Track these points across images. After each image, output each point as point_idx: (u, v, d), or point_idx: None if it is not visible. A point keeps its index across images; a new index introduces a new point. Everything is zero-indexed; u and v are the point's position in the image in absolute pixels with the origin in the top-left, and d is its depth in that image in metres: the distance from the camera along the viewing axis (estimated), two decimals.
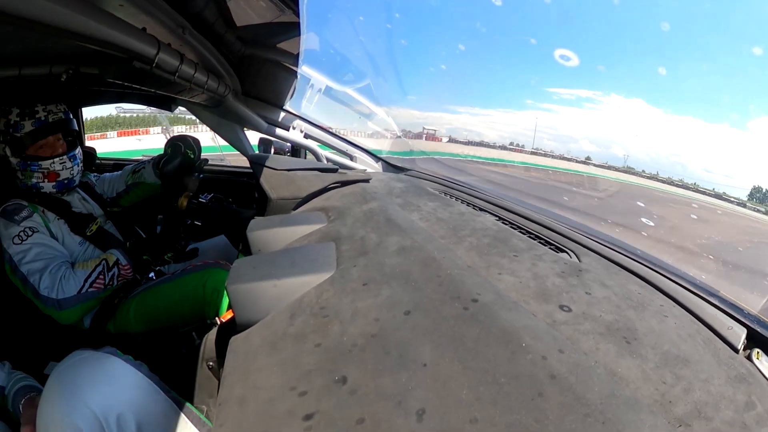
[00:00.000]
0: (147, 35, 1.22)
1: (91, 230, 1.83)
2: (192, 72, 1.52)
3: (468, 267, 0.72)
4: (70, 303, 1.57)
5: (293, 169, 1.67)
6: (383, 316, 0.61)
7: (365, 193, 1.34)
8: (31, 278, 1.57)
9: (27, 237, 1.63)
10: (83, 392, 0.92)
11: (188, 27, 1.48)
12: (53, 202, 1.81)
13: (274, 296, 0.77)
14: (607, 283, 0.71)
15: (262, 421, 0.50)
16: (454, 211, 1.14)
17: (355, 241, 0.93)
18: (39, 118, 1.74)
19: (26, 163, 1.75)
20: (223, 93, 1.96)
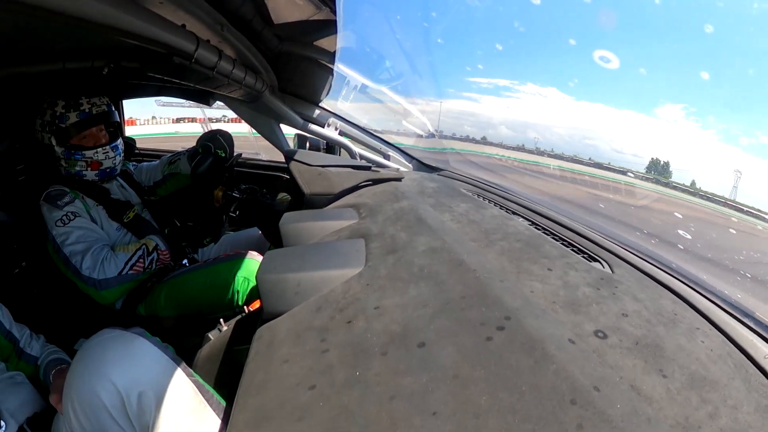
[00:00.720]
0: (186, 32, 1.26)
1: (128, 217, 1.90)
2: (230, 68, 1.56)
3: (497, 272, 0.71)
4: (109, 284, 1.63)
5: (327, 166, 1.68)
6: (408, 315, 0.61)
7: (397, 191, 1.34)
8: (74, 259, 1.63)
9: (69, 221, 1.69)
10: (108, 368, 0.95)
11: (226, 24, 1.52)
12: (93, 189, 1.88)
13: (302, 288, 0.78)
14: (639, 296, 0.68)
15: (281, 409, 0.51)
16: (487, 214, 1.12)
17: (385, 239, 0.93)
18: (83, 110, 1.81)
19: (70, 152, 1.82)
20: (260, 89, 2.00)
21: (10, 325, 1.39)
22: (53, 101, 1.81)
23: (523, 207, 1.28)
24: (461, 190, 1.50)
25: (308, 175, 1.65)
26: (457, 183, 1.71)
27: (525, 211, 1.22)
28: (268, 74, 2.08)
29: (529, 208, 1.27)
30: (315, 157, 1.82)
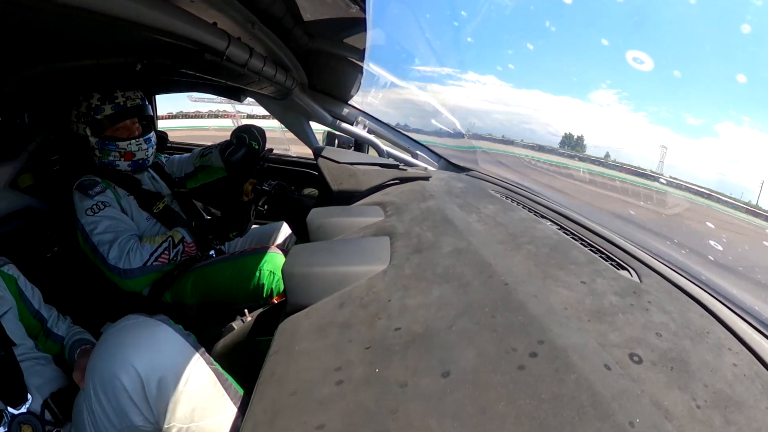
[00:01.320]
0: (218, 29, 1.29)
1: (158, 208, 1.95)
2: (261, 65, 1.58)
3: (523, 276, 0.71)
4: (134, 274, 1.67)
5: (355, 163, 1.69)
6: (431, 316, 0.62)
7: (424, 191, 1.34)
8: (101, 248, 1.68)
9: (99, 210, 1.74)
10: (131, 352, 0.98)
11: (257, 22, 1.54)
12: (125, 179, 1.94)
13: (326, 283, 0.79)
14: (667, 308, 0.66)
15: (298, 401, 0.52)
16: (515, 216, 1.11)
17: (411, 238, 0.93)
18: (118, 103, 1.88)
19: (104, 143, 1.88)
20: (290, 86, 2.02)
21: (39, 305, 1.45)
22: (89, 94, 1.87)
23: (552, 210, 1.26)
24: (489, 191, 1.49)
25: (336, 172, 1.66)
26: (485, 184, 1.70)
27: (553, 215, 1.20)
28: (298, 72, 2.11)
29: (558, 211, 1.25)
30: (343, 154, 1.83)
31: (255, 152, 2.02)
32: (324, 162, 1.75)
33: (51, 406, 1.20)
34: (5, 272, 1.39)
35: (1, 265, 1.40)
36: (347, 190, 1.55)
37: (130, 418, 0.99)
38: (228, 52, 1.34)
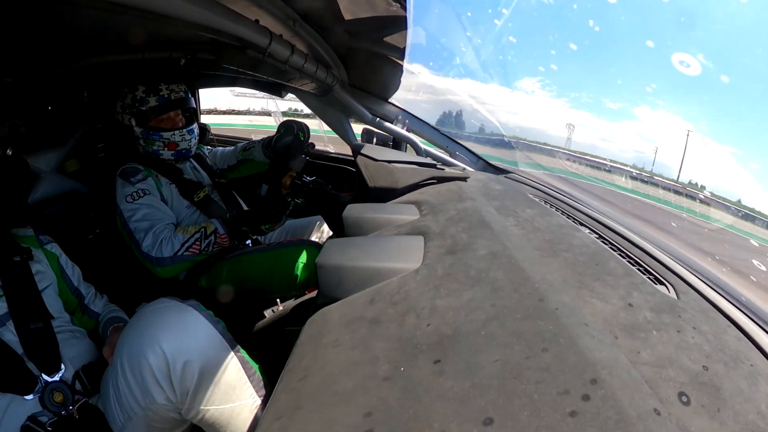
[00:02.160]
0: (260, 27, 1.32)
1: (198, 196, 2.03)
2: (302, 62, 1.61)
3: (558, 285, 0.70)
4: (164, 263, 1.74)
5: (393, 161, 1.70)
6: (460, 318, 0.61)
7: (461, 191, 1.33)
8: (137, 235, 1.76)
9: (138, 198, 1.83)
10: (159, 334, 1.03)
11: (299, 20, 1.57)
12: (167, 168, 2.03)
13: (358, 278, 0.80)
14: (702, 328, 0.64)
15: (322, 393, 0.53)
16: (553, 222, 1.09)
17: (445, 238, 0.93)
18: (162, 95, 1.97)
19: (149, 133, 1.98)
20: (330, 83, 2.06)
21: (78, 282, 1.54)
22: (134, 86, 1.97)
23: (591, 218, 1.23)
24: (528, 194, 1.46)
25: (373, 169, 1.67)
26: (524, 187, 1.67)
27: (593, 223, 1.17)
28: (338, 69, 2.14)
29: (597, 219, 1.22)
30: (381, 151, 1.84)
31: (300, 143, 2.05)
32: (362, 159, 1.77)
33: (82, 377, 1.27)
34: (48, 250, 1.48)
35: (45, 243, 1.49)
36: (384, 188, 1.56)
37: (153, 396, 1.04)
38: (270, 49, 1.37)
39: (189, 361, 1.02)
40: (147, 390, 1.03)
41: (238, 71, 1.62)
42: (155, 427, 1.11)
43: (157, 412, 1.06)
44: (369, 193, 1.58)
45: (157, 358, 1.01)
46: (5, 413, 1.16)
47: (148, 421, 1.09)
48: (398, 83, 2.27)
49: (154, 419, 1.09)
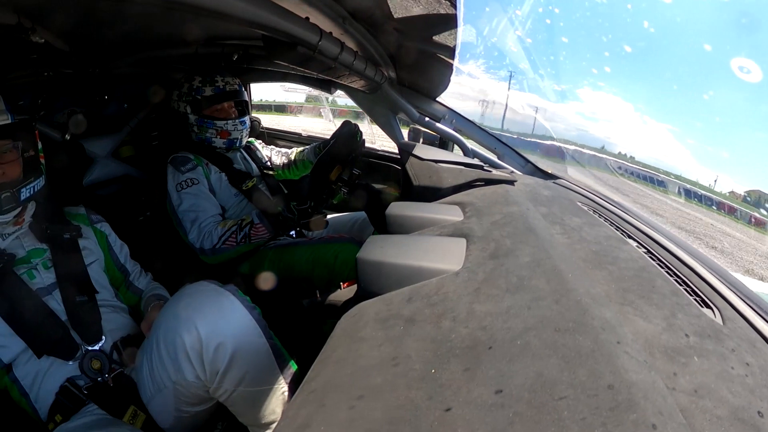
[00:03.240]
0: (310, 24, 1.36)
1: (247, 186, 2.14)
2: (351, 59, 1.65)
3: (601, 299, 0.68)
4: (206, 254, 1.86)
5: (439, 161, 1.70)
6: (497, 325, 0.61)
7: (507, 195, 1.32)
8: (184, 224, 1.89)
9: (187, 187, 1.95)
10: (196, 315, 1.09)
11: (348, 17, 1.60)
12: (218, 157, 2.15)
13: (397, 276, 0.82)
14: (748, 359, 0.61)
15: (351, 385, 0.54)
16: (600, 233, 1.07)
17: (488, 242, 0.93)
18: (218, 86, 2.10)
19: (203, 121, 2.11)
20: (379, 80, 2.08)
21: (125, 260, 1.66)
22: (191, 76, 2.11)
23: (640, 231, 1.20)
24: (576, 202, 1.43)
25: (419, 168, 1.68)
26: (572, 194, 1.64)
27: (641, 236, 1.14)
28: (387, 67, 2.16)
29: (646, 233, 1.19)
30: (428, 150, 1.84)
31: (355, 140, 2.09)
32: (407, 157, 1.78)
33: (119, 348, 1.38)
34: (97, 228, 1.60)
35: (95, 222, 1.61)
36: (428, 187, 1.56)
37: (183, 373, 1.10)
38: (319, 46, 1.40)
39: (222, 343, 1.07)
40: (179, 366, 1.10)
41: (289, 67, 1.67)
42: (182, 401, 1.18)
43: (186, 387, 1.13)
44: (413, 191, 1.58)
45: (191, 338, 1.07)
46: (46, 374, 1.27)
47: (176, 395, 1.16)
48: (447, 82, 2.26)
49: (183, 394, 1.15)
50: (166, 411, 1.20)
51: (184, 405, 1.19)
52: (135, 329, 1.45)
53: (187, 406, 1.20)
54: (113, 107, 2.40)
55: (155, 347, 1.14)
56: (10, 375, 1.29)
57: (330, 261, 1.88)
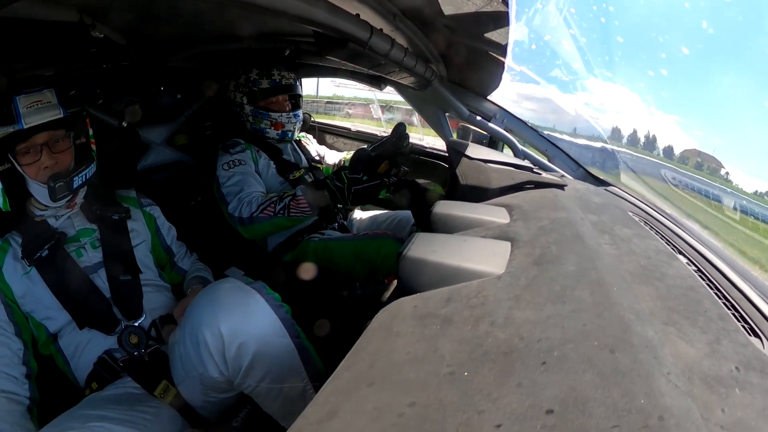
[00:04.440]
0: (360, 21, 1.40)
1: (294, 176, 2.26)
2: (401, 56, 1.68)
3: (645, 316, 0.66)
4: (244, 222, 1.94)
5: (487, 161, 1.68)
6: (535, 334, 0.61)
7: (557, 200, 1.30)
8: (227, 198, 2.01)
9: (234, 166, 2.08)
10: (220, 313, 1.14)
11: (399, 14, 1.64)
12: (269, 147, 2.28)
13: (438, 275, 0.82)
14: None
15: (382, 380, 0.55)
16: (650, 247, 1.04)
17: (533, 248, 0.91)
18: (274, 79, 2.25)
19: (258, 112, 2.26)
20: (429, 77, 2.11)
21: (171, 241, 1.79)
22: (248, 68, 2.25)
23: (691, 247, 1.16)
24: (627, 212, 1.40)
25: (467, 167, 1.67)
26: (624, 203, 1.60)
27: (692, 253, 1.10)
28: (437, 64, 2.18)
29: (697, 249, 1.15)
30: (477, 149, 1.83)
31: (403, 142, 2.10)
32: (456, 155, 1.77)
33: (158, 326, 1.47)
34: (146, 211, 1.72)
35: (145, 205, 1.74)
36: (476, 187, 1.55)
37: (207, 369, 1.16)
38: (370, 42, 1.44)
39: (244, 342, 1.12)
40: (202, 361, 1.15)
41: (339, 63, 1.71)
42: (209, 389, 1.24)
43: (210, 379, 1.19)
44: (460, 190, 1.58)
45: (213, 336, 1.12)
46: (87, 345, 1.39)
47: (203, 383, 1.22)
48: (499, 80, 2.24)
49: (208, 383, 1.21)
50: (194, 394, 1.28)
51: (211, 391, 1.26)
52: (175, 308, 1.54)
53: (213, 393, 1.26)
54: (168, 98, 2.56)
55: (182, 339, 1.20)
56: (55, 344, 1.42)
57: (372, 256, 1.93)
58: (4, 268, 1.41)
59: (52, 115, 1.39)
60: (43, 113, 1.37)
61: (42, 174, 1.40)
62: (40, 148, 1.40)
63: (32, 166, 1.40)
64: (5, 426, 1.19)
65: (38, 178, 1.40)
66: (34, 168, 1.40)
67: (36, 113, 1.35)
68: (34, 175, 1.40)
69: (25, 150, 1.39)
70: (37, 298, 1.40)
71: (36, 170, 1.40)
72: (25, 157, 1.40)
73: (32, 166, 1.40)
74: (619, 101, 2.82)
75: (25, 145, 1.39)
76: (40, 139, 1.40)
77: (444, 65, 2.22)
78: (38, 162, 1.40)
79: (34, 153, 1.40)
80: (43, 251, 1.41)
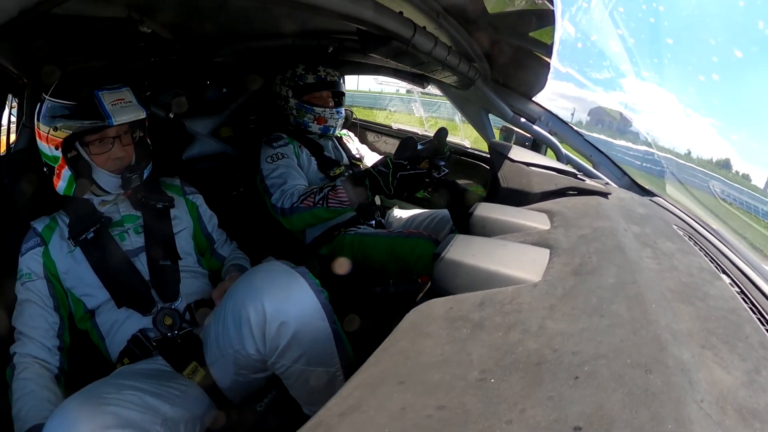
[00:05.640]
0: (404, 18, 1.40)
1: (335, 172, 2.30)
2: (445, 54, 1.68)
3: (682, 337, 0.65)
4: (285, 212, 2.01)
5: (530, 164, 1.66)
6: (567, 347, 0.60)
7: (600, 208, 1.27)
8: (271, 189, 2.09)
9: (277, 159, 2.16)
10: (265, 292, 1.20)
11: (442, 12, 1.64)
12: (311, 142, 2.35)
13: (473, 279, 0.82)
14: None
15: (407, 379, 0.56)
16: (693, 264, 1.00)
17: (573, 257, 0.90)
18: (319, 75, 2.32)
19: (302, 106, 2.32)
20: (472, 77, 2.10)
21: (212, 229, 1.87)
22: (295, 63, 2.31)
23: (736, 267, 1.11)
24: (672, 225, 1.35)
25: (508, 170, 1.65)
26: (668, 215, 1.55)
27: (736, 273, 1.06)
28: (481, 63, 2.16)
29: (742, 270, 1.10)
30: (519, 152, 1.80)
31: (443, 148, 2.10)
32: (498, 157, 1.76)
33: (192, 310, 1.55)
34: (189, 199, 1.82)
35: (188, 193, 1.83)
36: (517, 190, 1.54)
37: (245, 345, 1.22)
38: (413, 40, 1.45)
39: (285, 322, 1.17)
40: (241, 337, 1.22)
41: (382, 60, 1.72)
42: (241, 368, 1.30)
43: (245, 357, 1.24)
44: (500, 193, 1.57)
45: (256, 314, 1.18)
46: (123, 323, 1.47)
47: (236, 362, 1.28)
48: (544, 82, 2.20)
49: (242, 362, 1.27)
50: (225, 374, 1.34)
51: (243, 371, 1.31)
52: (210, 294, 1.61)
53: (245, 372, 1.32)
54: (214, 91, 2.68)
55: (223, 316, 1.27)
56: (92, 320, 1.52)
57: (406, 255, 1.94)
58: (51, 245, 1.51)
59: (136, 115, 1.52)
60: (129, 113, 1.49)
61: (110, 164, 1.53)
62: (112, 140, 1.51)
63: (102, 156, 1.51)
64: (34, 386, 1.31)
65: (106, 167, 1.52)
66: (103, 158, 1.52)
67: (122, 112, 1.47)
68: (103, 164, 1.52)
69: (97, 140, 1.50)
70: (79, 276, 1.50)
71: (105, 160, 1.52)
72: (96, 147, 1.51)
73: (102, 156, 1.51)
74: (654, 102, 2.70)
75: (98, 137, 1.50)
76: (112, 132, 1.51)
77: (488, 64, 2.20)
78: (108, 153, 1.52)
79: (105, 144, 1.51)
80: (88, 233, 1.51)
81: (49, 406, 1.27)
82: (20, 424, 1.23)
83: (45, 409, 1.26)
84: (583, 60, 2.41)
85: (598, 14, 2.23)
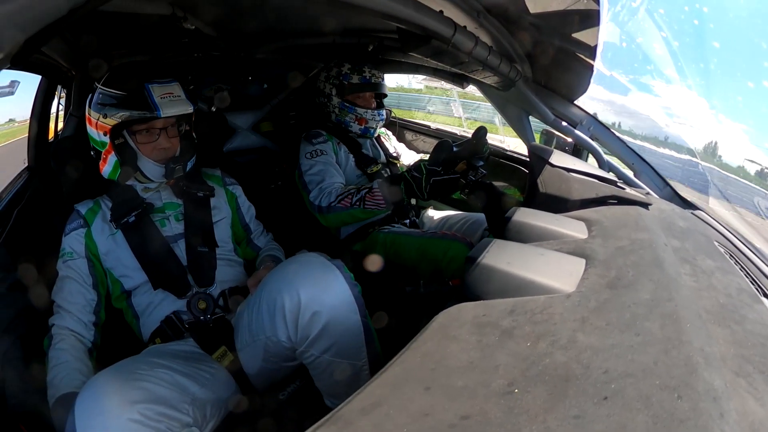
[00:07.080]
0: (444, 17, 1.41)
1: (372, 170, 2.33)
2: (486, 54, 1.67)
3: (714, 362, 0.63)
4: (322, 211, 2.04)
5: (570, 170, 1.63)
6: (596, 363, 0.60)
7: (639, 219, 1.24)
8: (309, 186, 2.11)
9: (316, 156, 2.19)
10: (301, 281, 1.24)
11: (483, 11, 1.64)
12: (350, 140, 2.37)
13: (505, 285, 0.83)
14: None
15: (430, 381, 0.57)
16: (732, 284, 0.96)
17: (609, 269, 0.89)
18: (365, 75, 2.33)
19: (345, 105, 2.34)
20: (513, 78, 2.08)
21: (250, 220, 1.93)
22: (341, 62, 2.33)
23: None
24: (713, 241, 1.31)
25: (548, 175, 1.63)
26: (710, 230, 1.50)
27: None
28: (523, 64, 2.13)
29: None
30: (559, 157, 1.77)
31: (482, 147, 2.09)
32: (537, 161, 1.73)
33: (226, 296, 1.61)
34: (229, 190, 1.88)
35: (228, 184, 1.90)
36: (555, 196, 1.52)
37: (277, 331, 1.26)
38: (454, 40, 1.45)
39: (318, 312, 1.21)
40: (274, 324, 1.26)
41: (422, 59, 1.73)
42: (271, 355, 1.34)
43: (276, 344, 1.29)
44: (538, 199, 1.55)
45: (291, 301, 1.22)
46: (158, 305, 1.54)
47: (266, 349, 1.32)
48: (587, 84, 2.13)
49: (272, 349, 1.31)
50: (254, 360, 1.38)
51: (272, 358, 1.35)
52: (244, 282, 1.67)
53: (273, 360, 1.36)
54: (255, 87, 2.76)
55: (258, 302, 1.32)
56: (128, 300, 1.59)
57: (438, 256, 1.94)
58: (93, 227, 1.58)
59: (183, 109, 1.58)
60: (178, 106, 1.56)
61: (156, 153, 1.60)
62: (159, 131, 1.58)
63: (148, 146, 1.59)
64: (69, 357, 1.38)
65: (152, 157, 1.59)
66: (149, 147, 1.59)
67: (171, 105, 1.54)
68: (149, 153, 1.59)
69: (144, 130, 1.58)
70: (119, 258, 1.57)
71: (151, 149, 1.59)
72: (143, 137, 1.58)
73: (148, 145, 1.59)
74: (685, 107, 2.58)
75: (145, 127, 1.57)
76: (159, 123, 1.58)
77: (529, 65, 2.17)
78: (154, 143, 1.59)
79: (152, 134, 1.58)
80: (130, 217, 1.58)
81: (80, 376, 1.34)
82: (53, 391, 1.29)
83: (76, 378, 1.33)
84: (627, 63, 2.33)
85: (640, 15, 2.16)
